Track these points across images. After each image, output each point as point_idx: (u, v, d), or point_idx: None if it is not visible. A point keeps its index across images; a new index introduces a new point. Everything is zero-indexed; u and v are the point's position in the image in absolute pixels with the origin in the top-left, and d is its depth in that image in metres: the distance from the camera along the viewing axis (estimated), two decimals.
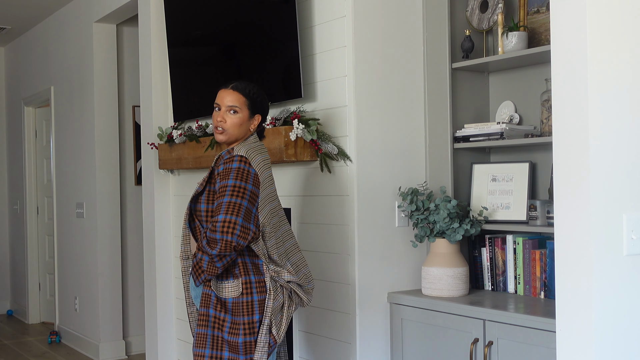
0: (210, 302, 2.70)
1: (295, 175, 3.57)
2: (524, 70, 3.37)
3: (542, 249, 3.10)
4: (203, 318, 2.71)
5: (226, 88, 2.77)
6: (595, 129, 2.17)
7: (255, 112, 2.79)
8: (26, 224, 7.32)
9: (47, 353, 6.06)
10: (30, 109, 7.32)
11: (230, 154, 2.68)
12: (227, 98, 2.75)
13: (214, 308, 2.69)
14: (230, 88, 2.76)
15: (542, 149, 3.26)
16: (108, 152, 5.77)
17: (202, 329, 2.71)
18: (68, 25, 6.21)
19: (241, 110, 2.74)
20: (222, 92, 2.78)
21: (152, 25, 4.61)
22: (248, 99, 2.76)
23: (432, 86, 3.42)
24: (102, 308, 5.71)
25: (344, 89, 3.29)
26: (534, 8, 3.24)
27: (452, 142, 3.37)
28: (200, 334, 2.71)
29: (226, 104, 2.74)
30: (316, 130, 3.31)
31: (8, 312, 7.89)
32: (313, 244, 3.48)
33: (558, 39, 2.26)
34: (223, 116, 2.75)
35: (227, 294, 2.67)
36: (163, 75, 4.62)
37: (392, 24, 3.38)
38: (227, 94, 2.75)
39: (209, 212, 2.71)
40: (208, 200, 2.71)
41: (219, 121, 2.75)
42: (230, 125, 2.74)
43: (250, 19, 3.79)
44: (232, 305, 2.66)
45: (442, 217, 3.13)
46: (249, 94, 2.76)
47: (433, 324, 3.10)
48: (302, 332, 3.56)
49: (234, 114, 2.74)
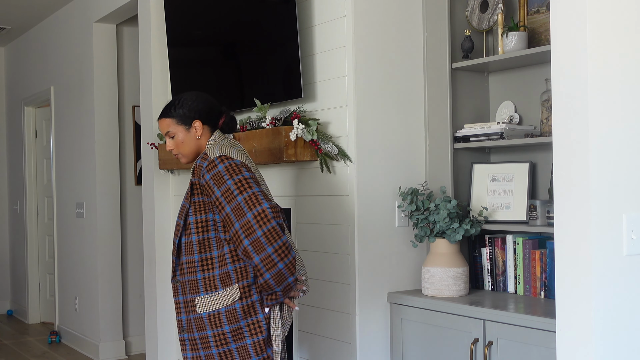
0: (203, 324, 2.61)
1: (295, 175, 3.57)
2: (524, 70, 3.37)
3: (542, 249, 3.10)
4: (204, 341, 2.62)
5: (158, 119, 2.77)
6: (595, 128, 2.17)
7: (190, 121, 2.70)
8: (26, 224, 7.32)
9: (47, 353, 6.06)
10: (30, 109, 7.32)
11: (207, 160, 2.59)
12: (161, 128, 2.76)
13: (211, 327, 2.60)
14: (158, 118, 2.76)
15: (542, 149, 3.26)
16: (108, 152, 5.77)
17: (207, 351, 2.63)
18: (68, 25, 6.22)
19: (175, 130, 2.71)
20: (158, 123, 2.79)
21: (152, 25, 4.61)
22: (174, 117, 2.71)
23: (432, 86, 3.42)
24: (102, 308, 5.71)
25: (344, 89, 3.29)
26: (534, 8, 3.24)
27: (452, 142, 3.37)
28: (208, 356, 2.64)
29: (163, 133, 2.76)
30: (316, 130, 3.31)
31: (8, 312, 7.89)
32: (313, 244, 3.48)
33: (558, 39, 2.26)
34: (169, 144, 2.76)
35: (218, 305, 2.59)
36: (163, 75, 4.62)
37: (392, 24, 3.38)
38: (160, 125, 2.75)
39: (198, 223, 2.62)
40: (196, 212, 2.63)
41: (170, 150, 2.78)
42: (178, 148, 2.74)
43: (250, 19, 3.79)
44: (225, 315, 2.58)
45: (442, 217, 3.13)
46: (172, 113, 2.71)
47: (433, 324, 3.10)
48: (302, 332, 3.56)
49: (173, 138, 2.73)
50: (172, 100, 2.78)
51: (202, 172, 2.58)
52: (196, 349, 2.65)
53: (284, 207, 3.64)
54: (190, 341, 2.67)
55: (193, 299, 2.63)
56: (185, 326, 2.67)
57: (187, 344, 2.69)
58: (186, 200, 2.67)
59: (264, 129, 3.48)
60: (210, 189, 2.55)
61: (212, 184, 2.54)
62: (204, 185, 2.57)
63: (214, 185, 2.53)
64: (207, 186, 2.55)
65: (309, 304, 3.50)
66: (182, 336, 2.70)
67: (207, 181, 2.55)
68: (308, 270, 3.49)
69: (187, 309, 2.66)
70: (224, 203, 2.51)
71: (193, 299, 2.63)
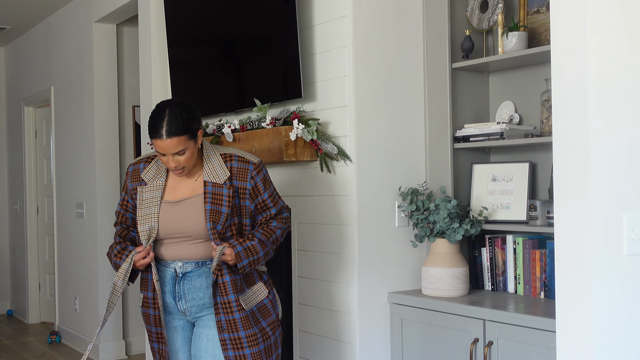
0: (255, 318, 2.70)
1: (295, 175, 3.57)
2: (524, 70, 3.37)
3: (542, 249, 3.10)
4: (252, 339, 2.68)
5: (162, 139, 2.54)
6: (595, 129, 2.17)
7: (196, 132, 2.62)
8: (26, 224, 7.32)
9: (47, 353, 6.06)
10: (30, 109, 7.32)
11: (252, 164, 2.71)
12: (169, 149, 2.56)
13: (257, 322, 2.71)
14: (166, 137, 2.54)
15: (542, 149, 3.26)
16: (108, 152, 5.77)
17: (254, 349, 2.69)
18: (68, 25, 6.22)
19: (187, 145, 2.58)
20: (160, 143, 2.56)
21: (152, 25, 4.61)
22: (186, 132, 2.56)
23: (432, 86, 3.42)
24: (102, 308, 5.70)
25: (344, 89, 3.29)
26: (534, 8, 3.24)
27: (452, 142, 3.37)
28: (255, 354, 2.69)
29: (171, 153, 2.58)
30: (316, 130, 3.31)
31: (8, 312, 7.89)
32: (313, 244, 3.48)
33: (558, 39, 2.26)
34: (173, 161, 2.60)
35: (261, 295, 2.75)
36: (163, 75, 4.62)
37: (392, 24, 3.38)
38: (167, 145, 2.55)
39: (233, 226, 2.70)
40: (233, 215, 2.68)
41: (175, 167, 2.62)
42: (186, 162, 2.63)
43: (250, 19, 3.79)
44: (269, 304, 2.76)
45: (442, 217, 3.13)
46: (184, 129, 2.56)
47: (433, 324, 3.10)
48: (302, 332, 3.56)
49: (183, 154, 2.60)
50: (173, 112, 2.57)
51: (248, 175, 2.70)
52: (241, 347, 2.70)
53: None
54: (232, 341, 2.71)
55: (237, 297, 2.67)
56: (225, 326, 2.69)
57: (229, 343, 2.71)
58: (226, 207, 2.66)
59: (264, 129, 3.48)
60: (258, 192, 2.73)
61: (260, 186, 2.73)
62: (249, 188, 2.70)
63: (263, 187, 2.73)
64: (254, 189, 2.72)
65: (309, 304, 3.50)
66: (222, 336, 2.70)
67: (256, 183, 2.72)
68: (308, 270, 3.50)
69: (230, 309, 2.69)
70: (268, 202, 2.75)
71: (237, 297, 2.67)
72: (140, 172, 2.78)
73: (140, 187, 2.74)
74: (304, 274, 3.54)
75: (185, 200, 2.69)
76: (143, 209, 2.70)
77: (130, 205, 2.80)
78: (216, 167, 2.69)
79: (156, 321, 2.73)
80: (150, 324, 2.76)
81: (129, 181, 2.80)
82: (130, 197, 2.79)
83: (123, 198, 2.83)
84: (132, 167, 2.82)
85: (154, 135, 2.57)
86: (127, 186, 2.80)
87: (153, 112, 2.62)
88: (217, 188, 2.66)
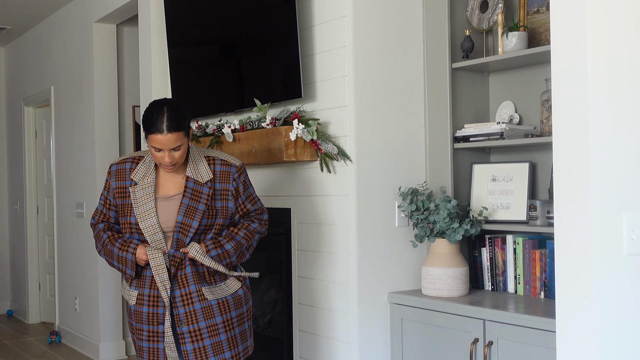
0: (226, 308, 2.81)
1: (295, 175, 3.57)
2: (524, 70, 3.37)
3: (542, 249, 3.10)
4: (212, 329, 2.76)
5: (162, 134, 2.63)
6: (595, 129, 2.17)
7: (189, 130, 2.74)
8: (26, 224, 7.32)
9: (47, 353, 6.06)
10: (30, 109, 7.32)
11: (234, 166, 2.83)
12: (169, 144, 2.65)
13: (224, 312, 2.81)
14: (167, 132, 2.63)
15: (542, 149, 3.26)
16: (108, 152, 5.77)
17: (214, 339, 2.76)
18: (68, 25, 6.22)
19: (182, 141, 2.69)
20: (158, 137, 2.64)
21: (152, 25, 4.61)
22: (183, 129, 2.67)
23: (432, 86, 3.42)
24: (102, 308, 5.71)
25: (344, 89, 3.29)
26: (534, 8, 3.24)
27: (452, 142, 3.37)
28: (215, 344, 2.78)
29: (169, 148, 2.66)
30: (316, 130, 3.31)
31: (8, 312, 7.89)
32: (313, 244, 3.48)
33: (558, 39, 2.26)
34: (169, 156, 2.68)
35: (235, 287, 2.84)
36: (163, 75, 4.62)
37: (392, 23, 3.38)
38: (167, 140, 2.64)
39: (211, 225, 2.80)
40: (210, 215, 2.79)
41: (168, 162, 2.69)
42: (180, 158, 2.72)
43: (250, 19, 3.79)
44: (243, 296, 2.87)
45: (442, 217, 3.13)
46: (181, 125, 2.66)
47: (433, 324, 3.10)
48: (302, 332, 3.56)
49: (179, 149, 2.69)
50: (170, 109, 2.66)
51: (231, 177, 2.82)
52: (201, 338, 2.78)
53: (284, 207, 3.64)
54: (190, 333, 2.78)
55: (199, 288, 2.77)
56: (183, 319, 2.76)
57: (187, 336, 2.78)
58: (203, 204, 2.76)
59: (264, 129, 3.48)
60: (238, 193, 2.84)
61: (241, 188, 2.84)
62: (232, 190, 2.82)
63: (242, 189, 2.85)
64: (236, 190, 2.83)
65: (309, 304, 3.50)
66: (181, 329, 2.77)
67: (238, 185, 2.83)
68: (308, 270, 3.50)
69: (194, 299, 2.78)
70: (246, 203, 2.87)
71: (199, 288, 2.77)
72: (127, 172, 2.82)
73: (131, 187, 2.78)
74: (304, 274, 3.54)
75: (176, 195, 2.78)
76: (139, 207, 2.75)
77: (112, 204, 2.85)
78: (200, 168, 2.80)
79: (150, 319, 2.76)
80: (143, 322, 2.78)
81: (112, 180, 2.84)
82: (112, 196, 2.84)
83: (105, 197, 2.87)
84: (116, 166, 2.85)
85: (153, 131, 2.65)
86: (110, 185, 2.85)
87: (148, 109, 2.71)
88: (198, 186, 2.76)
